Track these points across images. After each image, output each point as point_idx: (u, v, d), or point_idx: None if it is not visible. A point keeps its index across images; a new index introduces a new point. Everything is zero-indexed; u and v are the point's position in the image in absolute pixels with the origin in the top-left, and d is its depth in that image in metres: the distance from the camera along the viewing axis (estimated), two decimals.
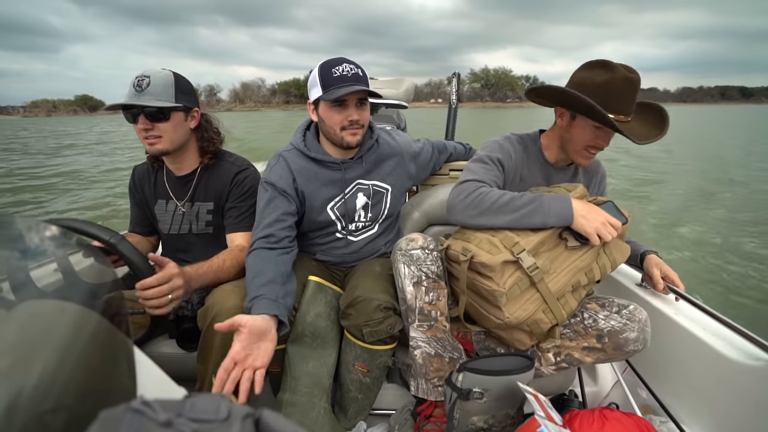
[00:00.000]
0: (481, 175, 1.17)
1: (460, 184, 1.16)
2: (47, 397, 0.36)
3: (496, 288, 1.00)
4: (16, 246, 0.49)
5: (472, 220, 1.10)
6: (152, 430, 0.28)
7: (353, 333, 1.17)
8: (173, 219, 1.39)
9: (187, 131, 1.30)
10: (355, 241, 1.38)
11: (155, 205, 1.41)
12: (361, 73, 1.19)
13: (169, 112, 1.22)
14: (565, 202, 1.03)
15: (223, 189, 1.36)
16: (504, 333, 1.08)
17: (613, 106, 1.03)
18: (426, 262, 1.12)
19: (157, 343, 1.29)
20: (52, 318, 0.42)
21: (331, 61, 1.18)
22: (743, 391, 1.03)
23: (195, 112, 1.32)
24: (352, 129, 1.21)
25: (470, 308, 1.13)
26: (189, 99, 1.28)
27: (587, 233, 1.01)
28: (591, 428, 0.97)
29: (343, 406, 1.23)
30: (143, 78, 1.19)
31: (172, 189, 1.38)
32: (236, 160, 1.42)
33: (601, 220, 1.01)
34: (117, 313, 0.47)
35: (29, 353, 0.38)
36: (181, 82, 1.26)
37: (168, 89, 1.22)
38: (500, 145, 1.25)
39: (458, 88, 2.37)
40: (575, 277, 1.06)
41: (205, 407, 0.31)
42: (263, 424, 0.32)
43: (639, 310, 1.07)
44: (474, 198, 1.10)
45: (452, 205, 1.15)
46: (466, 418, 1.05)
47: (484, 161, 1.21)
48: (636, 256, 1.32)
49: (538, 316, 1.03)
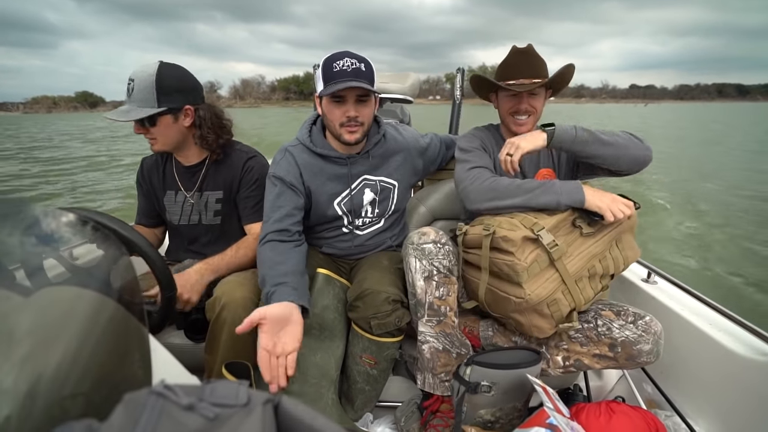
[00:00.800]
0: (480, 162, 1.25)
1: (468, 171, 1.23)
2: (66, 383, 0.37)
3: (518, 262, 1.00)
4: (32, 233, 0.49)
5: (490, 203, 1.15)
6: (175, 413, 0.28)
7: (361, 325, 1.17)
8: (182, 210, 1.39)
9: (181, 130, 1.28)
10: (361, 234, 1.38)
11: (164, 196, 1.41)
12: (364, 67, 1.16)
13: (155, 118, 1.21)
14: (576, 185, 1.09)
15: (233, 178, 1.36)
16: (523, 318, 1.06)
17: (512, 74, 1.24)
18: (438, 257, 1.12)
19: (165, 334, 1.30)
20: (70, 304, 0.42)
21: (335, 55, 1.16)
22: (749, 386, 1.03)
23: (187, 110, 1.26)
24: (349, 126, 1.20)
25: (487, 295, 1.12)
26: (175, 99, 1.22)
27: (600, 209, 1.04)
28: (598, 421, 0.97)
29: (350, 398, 1.24)
30: (130, 81, 1.19)
31: (181, 180, 1.39)
32: (243, 147, 1.42)
33: (612, 197, 1.07)
34: (133, 301, 0.48)
35: (48, 340, 0.38)
36: (165, 83, 1.19)
37: (149, 95, 1.18)
38: (474, 136, 1.36)
39: (462, 83, 2.35)
40: (590, 262, 1.07)
41: (225, 392, 0.31)
42: (282, 409, 0.32)
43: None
44: (489, 183, 1.16)
45: (468, 191, 1.20)
46: (473, 411, 1.05)
47: (471, 150, 1.30)
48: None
49: (557, 296, 1.03)
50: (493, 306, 1.13)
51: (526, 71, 1.23)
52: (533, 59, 1.24)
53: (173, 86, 1.22)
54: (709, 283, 3.81)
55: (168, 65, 1.22)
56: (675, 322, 1.22)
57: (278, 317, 0.96)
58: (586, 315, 1.11)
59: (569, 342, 1.10)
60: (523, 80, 1.23)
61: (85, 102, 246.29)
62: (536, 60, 1.25)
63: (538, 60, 1.25)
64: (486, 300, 1.14)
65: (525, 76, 1.23)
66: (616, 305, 1.11)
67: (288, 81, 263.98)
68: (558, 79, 1.25)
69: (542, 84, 1.22)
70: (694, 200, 6.99)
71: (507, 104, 1.28)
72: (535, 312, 1.04)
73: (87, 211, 0.89)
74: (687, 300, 1.30)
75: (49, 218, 0.53)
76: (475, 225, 1.14)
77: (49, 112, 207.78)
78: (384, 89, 2.20)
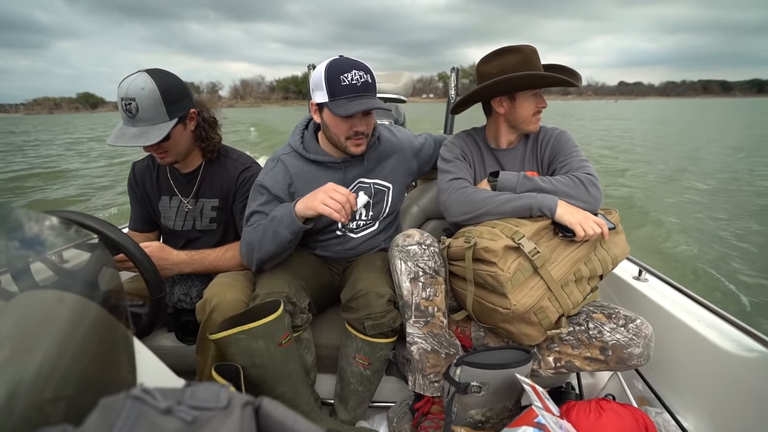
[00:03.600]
0: (459, 174, 1.27)
1: (447, 182, 1.26)
2: (47, 387, 0.37)
3: (501, 273, 1.00)
4: (15, 237, 0.49)
5: (468, 215, 1.18)
6: (152, 417, 0.28)
7: (354, 326, 1.17)
8: (177, 215, 1.38)
9: (189, 136, 1.28)
10: (355, 237, 1.38)
11: (159, 201, 1.39)
12: (371, 80, 1.14)
13: (169, 132, 1.17)
14: (553, 197, 1.12)
15: (229, 187, 1.36)
16: (512, 327, 1.07)
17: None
18: (423, 258, 1.12)
19: (156, 336, 1.29)
20: (51, 308, 0.42)
21: (341, 66, 1.12)
22: (738, 382, 1.05)
23: (192, 114, 1.26)
24: (356, 139, 1.20)
25: (475, 306, 1.13)
26: (180, 106, 1.20)
27: (571, 224, 1.07)
28: (588, 419, 0.97)
29: (343, 399, 1.23)
30: (129, 102, 1.11)
31: (177, 185, 1.37)
32: (240, 157, 1.41)
33: (584, 215, 1.09)
34: (116, 304, 0.47)
35: (28, 343, 0.38)
36: (168, 92, 1.16)
37: (158, 108, 1.14)
38: (455, 145, 1.35)
39: (457, 82, 2.36)
40: (575, 266, 1.07)
41: (205, 395, 0.31)
42: (263, 411, 0.32)
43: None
44: (469, 194, 1.20)
45: (447, 204, 1.24)
46: (464, 411, 1.06)
47: (452, 160, 1.31)
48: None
49: (544, 303, 1.04)
50: (481, 316, 1.14)
51: (534, 67, 1.21)
52: (533, 56, 1.22)
53: (177, 93, 1.19)
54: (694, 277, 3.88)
55: (158, 73, 1.16)
56: (665, 320, 1.23)
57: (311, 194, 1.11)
58: (577, 318, 1.11)
59: (560, 344, 1.11)
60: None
61: (87, 103, 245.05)
62: (535, 56, 1.22)
63: (536, 55, 1.23)
64: (474, 311, 1.14)
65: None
66: (608, 307, 1.12)
67: (287, 81, 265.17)
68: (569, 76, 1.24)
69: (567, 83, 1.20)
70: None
71: (531, 104, 1.24)
72: (523, 321, 1.05)
73: (75, 214, 0.88)
74: (678, 297, 1.31)
75: (33, 221, 0.53)
76: (458, 237, 1.15)
77: (51, 113, 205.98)
78: (377, 89, 2.21)
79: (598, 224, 1.07)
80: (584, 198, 1.14)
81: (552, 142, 1.31)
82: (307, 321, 1.20)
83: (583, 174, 1.17)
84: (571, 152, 1.26)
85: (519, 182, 1.17)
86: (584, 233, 1.05)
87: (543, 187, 1.15)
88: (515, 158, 1.33)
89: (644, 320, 1.06)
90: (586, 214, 1.09)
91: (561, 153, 1.28)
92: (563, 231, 1.08)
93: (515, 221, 1.11)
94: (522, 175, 1.19)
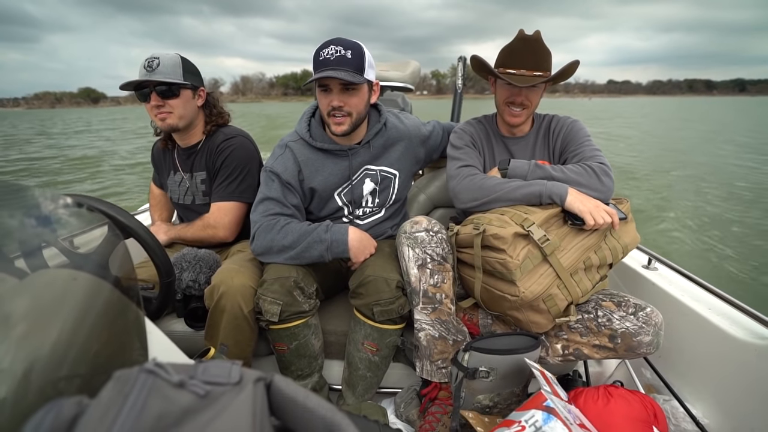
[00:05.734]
0: (469, 161, 1.27)
1: (457, 169, 1.26)
2: (61, 364, 0.37)
3: (510, 260, 1.00)
4: (29, 216, 0.49)
5: (478, 201, 1.18)
6: (165, 390, 0.28)
7: (363, 312, 1.18)
8: (179, 189, 1.49)
9: (195, 108, 1.39)
10: (362, 224, 1.38)
11: (167, 177, 1.51)
12: (350, 54, 1.11)
13: (179, 90, 1.31)
14: (564, 185, 1.11)
15: (213, 159, 1.41)
16: (520, 315, 1.06)
17: (513, 63, 1.19)
18: (431, 245, 1.12)
19: (165, 321, 1.31)
20: (65, 285, 0.42)
21: (324, 43, 1.15)
22: (747, 370, 1.04)
23: (201, 92, 1.40)
24: (335, 116, 1.18)
25: (483, 294, 1.12)
26: (195, 79, 1.37)
27: (581, 212, 1.05)
28: (596, 405, 0.97)
29: (351, 384, 1.24)
30: (153, 59, 1.27)
31: (180, 161, 1.47)
32: (227, 129, 1.46)
33: (595, 203, 1.07)
34: (128, 285, 0.48)
35: (43, 320, 0.38)
36: (188, 64, 1.34)
37: (176, 69, 1.30)
38: (464, 132, 1.35)
39: (464, 72, 2.33)
40: (585, 254, 1.06)
41: (217, 371, 0.31)
42: (275, 387, 0.32)
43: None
44: (478, 181, 1.19)
45: (456, 191, 1.24)
46: (472, 396, 1.06)
47: (461, 147, 1.31)
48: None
49: (552, 291, 1.03)
50: (489, 304, 1.13)
51: (529, 62, 1.17)
52: (539, 49, 1.18)
53: (193, 68, 1.37)
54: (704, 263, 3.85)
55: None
56: (675, 308, 1.22)
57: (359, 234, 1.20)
58: (586, 306, 1.11)
59: (569, 332, 1.10)
60: (524, 71, 1.18)
61: (88, 98, 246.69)
62: (541, 50, 1.18)
63: (544, 50, 1.18)
64: (482, 298, 1.14)
65: (527, 67, 1.17)
66: (617, 295, 1.11)
67: (287, 78, 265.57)
68: (560, 74, 1.20)
69: (544, 80, 1.17)
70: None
71: (504, 93, 1.23)
72: (531, 308, 1.04)
73: (86, 198, 0.89)
74: (687, 285, 1.30)
75: (47, 202, 0.53)
76: (466, 224, 1.14)
77: (53, 107, 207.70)
78: (384, 77, 2.18)
79: (609, 213, 1.05)
80: (596, 187, 1.12)
81: (564, 131, 1.29)
82: (315, 306, 1.21)
83: (595, 163, 1.15)
84: (583, 141, 1.25)
85: (530, 170, 1.16)
86: (594, 222, 1.04)
87: (554, 176, 1.13)
88: (526, 147, 1.32)
89: (654, 308, 1.05)
90: (596, 202, 1.07)
91: (573, 142, 1.26)
92: (573, 219, 1.07)
93: (525, 208, 1.10)
94: (533, 163, 1.17)
